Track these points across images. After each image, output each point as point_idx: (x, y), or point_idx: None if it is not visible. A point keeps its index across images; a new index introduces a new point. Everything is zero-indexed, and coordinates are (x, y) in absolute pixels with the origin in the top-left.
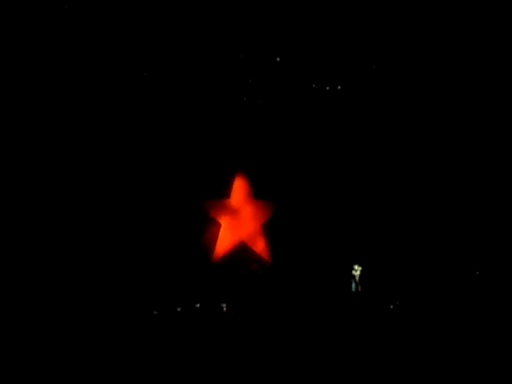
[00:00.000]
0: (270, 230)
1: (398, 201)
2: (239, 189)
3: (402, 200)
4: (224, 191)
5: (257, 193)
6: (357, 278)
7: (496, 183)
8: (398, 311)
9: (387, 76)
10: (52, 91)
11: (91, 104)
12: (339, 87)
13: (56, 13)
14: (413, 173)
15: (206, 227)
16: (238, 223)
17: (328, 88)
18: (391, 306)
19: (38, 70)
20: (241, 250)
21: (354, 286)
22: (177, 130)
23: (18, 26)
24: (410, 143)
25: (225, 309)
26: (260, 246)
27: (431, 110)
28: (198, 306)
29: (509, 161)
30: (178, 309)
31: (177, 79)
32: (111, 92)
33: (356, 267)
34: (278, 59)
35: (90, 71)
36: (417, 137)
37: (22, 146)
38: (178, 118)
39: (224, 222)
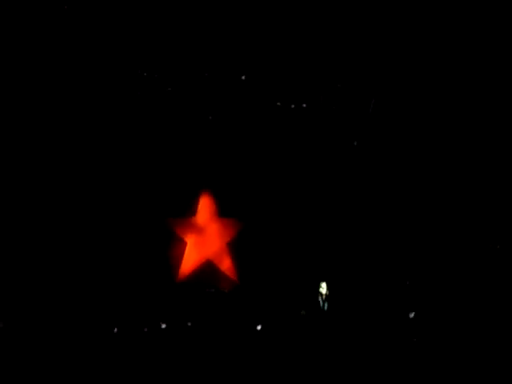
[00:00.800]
0: (236, 248)
1: (370, 216)
2: (205, 207)
3: (375, 215)
4: (189, 209)
5: (222, 211)
6: (323, 296)
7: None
8: (370, 328)
9: (354, 94)
10: (52, 91)
11: (84, 108)
12: (304, 105)
13: (56, 13)
14: (388, 196)
15: (171, 245)
16: (203, 241)
17: (293, 106)
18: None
19: (38, 70)
20: (207, 269)
21: (321, 303)
22: (141, 147)
23: (18, 26)
24: (384, 166)
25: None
26: (226, 265)
27: (407, 133)
28: (163, 326)
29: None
30: (145, 329)
31: (137, 96)
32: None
33: (323, 285)
34: (243, 77)
35: (90, 71)
36: (392, 164)
37: (22, 146)
38: (143, 135)
39: (190, 240)
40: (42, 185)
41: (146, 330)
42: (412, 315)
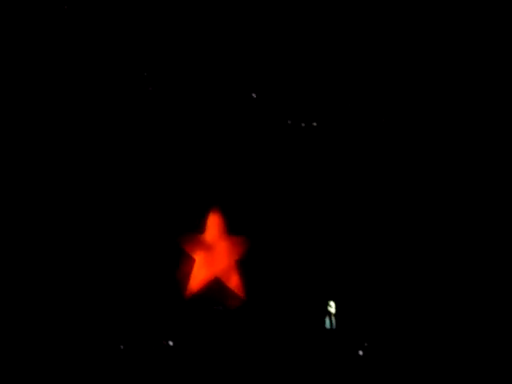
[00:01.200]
0: (244, 266)
1: (377, 235)
2: (214, 224)
3: (382, 234)
4: (198, 226)
5: (231, 228)
6: (332, 315)
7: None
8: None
9: (364, 115)
10: (52, 91)
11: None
12: (314, 124)
13: (56, 13)
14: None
15: (180, 262)
16: (212, 259)
17: (303, 124)
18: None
19: (38, 69)
20: (215, 286)
21: (328, 322)
22: (153, 165)
23: (18, 25)
24: (393, 187)
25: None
26: (234, 282)
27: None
28: (171, 343)
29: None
30: (153, 346)
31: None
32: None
33: (331, 303)
34: (253, 95)
35: (89, 71)
36: (401, 183)
37: (22, 146)
38: (151, 152)
39: (198, 257)
40: (56, 202)
41: (153, 346)
42: (420, 334)
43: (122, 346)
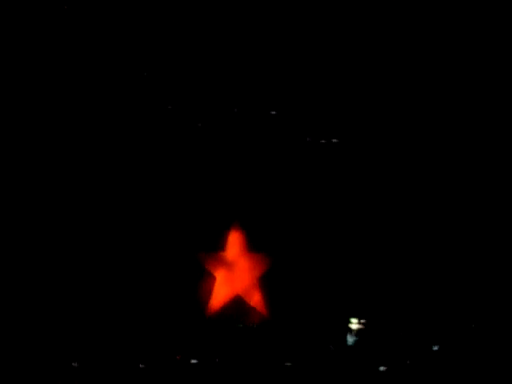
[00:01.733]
0: (266, 283)
1: (398, 255)
2: (234, 242)
3: (402, 254)
4: (219, 244)
5: (252, 246)
6: (354, 332)
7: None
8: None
9: (384, 130)
10: (52, 91)
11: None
12: (334, 140)
13: (56, 13)
14: (412, 232)
15: (201, 281)
16: (233, 277)
17: (323, 141)
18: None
19: (38, 69)
20: (236, 304)
21: (350, 339)
22: (170, 180)
23: (18, 25)
24: (411, 204)
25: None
26: (256, 300)
27: (432, 164)
28: (194, 361)
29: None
30: (173, 365)
31: (169, 131)
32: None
33: (353, 320)
34: (273, 112)
35: (89, 71)
36: (418, 198)
37: (22, 146)
38: (172, 168)
39: (219, 275)
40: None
41: (174, 365)
42: (436, 348)
43: (141, 365)
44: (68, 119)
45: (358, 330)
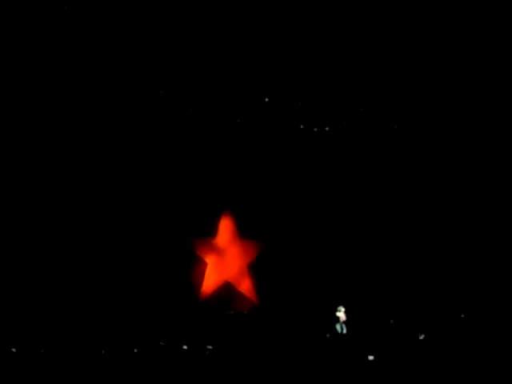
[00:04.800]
0: (256, 269)
1: (388, 244)
2: (225, 228)
3: (392, 243)
4: (210, 230)
5: (243, 232)
6: (341, 320)
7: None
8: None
9: (376, 118)
10: (52, 91)
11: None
12: (327, 128)
13: (56, 13)
14: (401, 222)
15: (192, 266)
16: (224, 263)
17: (316, 129)
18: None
19: (38, 69)
20: (226, 290)
21: (339, 327)
22: (161, 168)
23: (18, 25)
24: (401, 193)
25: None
26: (246, 286)
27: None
28: (185, 347)
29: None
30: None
31: (163, 118)
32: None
33: (341, 308)
34: (266, 99)
35: (89, 71)
36: (408, 190)
37: (22, 146)
38: (165, 156)
39: (210, 261)
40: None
41: (165, 349)
42: (422, 337)
43: (135, 350)
44: (61, 103)
45: (346, 318)
